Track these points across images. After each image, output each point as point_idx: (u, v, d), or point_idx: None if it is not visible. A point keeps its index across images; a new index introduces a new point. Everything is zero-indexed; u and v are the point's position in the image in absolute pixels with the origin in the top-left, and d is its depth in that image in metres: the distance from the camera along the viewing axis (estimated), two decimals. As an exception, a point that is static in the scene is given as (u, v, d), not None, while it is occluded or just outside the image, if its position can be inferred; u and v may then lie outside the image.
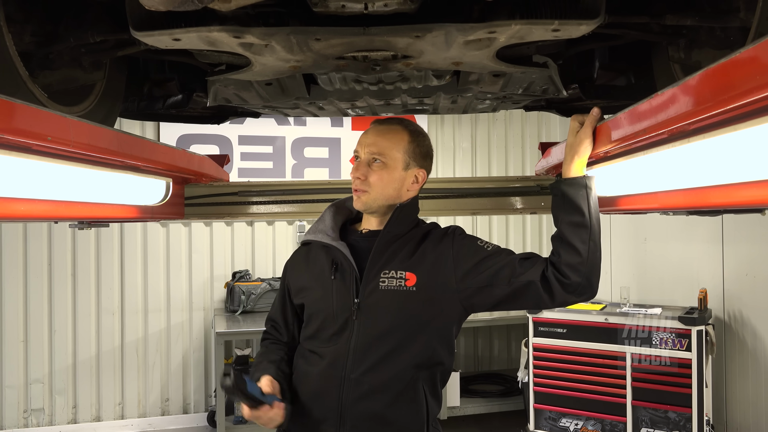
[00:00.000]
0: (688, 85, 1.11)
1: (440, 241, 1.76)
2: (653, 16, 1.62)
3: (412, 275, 1.70)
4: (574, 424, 4.25)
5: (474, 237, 1.79)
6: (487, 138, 6.19)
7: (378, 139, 1.76)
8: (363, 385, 1.66)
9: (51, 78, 1.81)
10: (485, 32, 1.40)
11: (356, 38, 1.48)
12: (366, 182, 1.74)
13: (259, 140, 5.67)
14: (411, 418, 1.69)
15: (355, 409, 1.66)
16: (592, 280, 1.61)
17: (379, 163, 1.74)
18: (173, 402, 5.42)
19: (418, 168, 1.80)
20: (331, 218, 1.85)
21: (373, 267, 1.73)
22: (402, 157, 1.76)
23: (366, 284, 1.71)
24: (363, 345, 1.68)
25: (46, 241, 5.12)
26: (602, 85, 2.18)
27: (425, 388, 1.71)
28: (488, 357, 6.19)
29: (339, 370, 1.68)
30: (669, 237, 4.62)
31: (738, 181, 1.23)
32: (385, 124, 1.80)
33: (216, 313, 5.32)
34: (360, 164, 1.76)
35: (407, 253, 1.74)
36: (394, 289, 1.69)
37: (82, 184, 1.62)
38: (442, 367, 1.76)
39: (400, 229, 1.77)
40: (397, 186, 1.77)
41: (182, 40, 1.43)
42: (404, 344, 1.68)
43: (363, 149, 1.77)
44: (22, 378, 5.06)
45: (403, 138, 1.77)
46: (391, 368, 1.67)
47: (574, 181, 1.62)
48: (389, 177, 1.75)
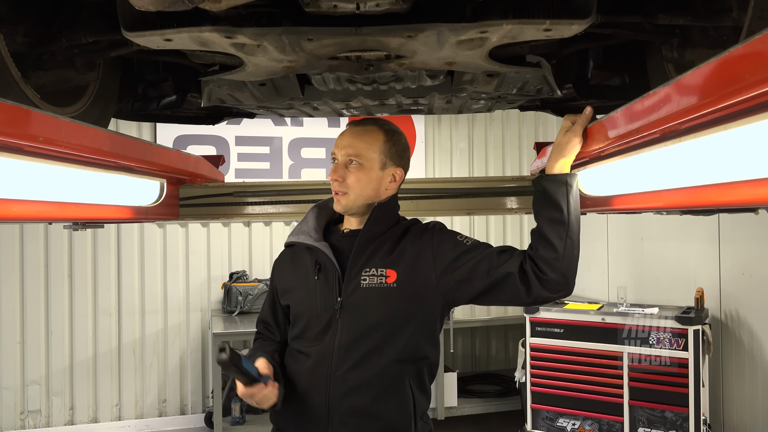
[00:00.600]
0: (676, 85, 1.11)
1: (420, 236, 1.79)
2: (646, 15, 1.62)
3: (393, 272, 1.73)
4: (571, 424, 4.25)
5: (454, 231, 1.81)
6: (484, 138, 6.19)
7: (354, 141, 1.78)
8: (349, 381, 1.70)
9: (44, 79, 1.80)
10: (477, 32, 1.40)
11: (348, 38, 1.48)
12: (344, 184, 1.77)
13: (256, 141, 5.66)
14: (398, 413, 1.71)
15: (342, 406, 1.70)
16: (569, 277, 1.63)
17: (356, 164, 1.77)
18: (170, 403, 5.42)
19: (395, 167, 1.82)
20: (314, 219, 1.88)
21: (355, 266, 1.75)
22: (378, 157, 1.79)
23: (348, 283, 1.74)
24: (347, 342, 1.71)
25: (43, 242, 5.11)
26: (596, 85, 2.18)
27: (411, 383, 1.74)
28: (486, 357, 6.20)
29: (325, 368, 1.71)
30: (666, 236, 4.62)
31: (730, 181, 1.23)
32: (361, 125, 1.82)
33: (213, 314, 5.31)
34: (337, 166, 1.78)
35: (387, 251, 1.76)
36: (376, 287, 1.72)
37: (76, 184, 1.62)
38: (427, 362, 1.78)
39: (379, 227, 1.80)
40: (375, 186, 1.80)
41: (174, 40, 1.43)
42: (388, 340, 1.71)
43: (339, 151, 1.79)
44: (18, 379, 5.05)
45: (379, 138, 1.79)
46: (375, 364, 1.70)
47: (556, 178, 1.64)
48: (366, 177, 1.78)
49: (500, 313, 5.34)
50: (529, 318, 4.38)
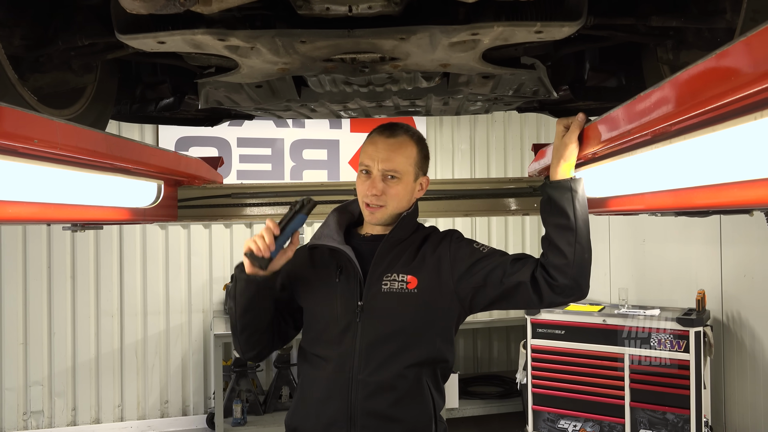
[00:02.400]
0: (666, 87, 1.12)
1: (439, 244, 1.80)
2: (639, 17, 1.63)
3: (414, 278, 1.74)
4: (572, 425, 4.25)
5: (470, 240, 1.82)
6: (485, 140, 6.19)
7: (392, 155, 1.74)
8: (370, 385, 1.69)
9: (42, 81, 1.82)
10: (468, 34, 1.40)
11: (341, 40, 1.48)
12: (382, 198, 1.74)
13: (258, 142, 5.68)
14: (419, 415, 1.72)
15: (364, 409, 1.69)
16: (580, 282, 1.63)
17: (395, 179, 1.74)
18: (172, 404, 5.43)
19: (423, 175, 1.84)
20: (335, 222, 1.85)
21: (377, 270, 1.76)
22: (413, 170, 1.78)
23: (369, 287, 1.74)
24: (368, 346, 1.71)
25: (46, 243, 5.13)
26: (593, 87, 2.18)
27: (429, 385, 1.75)
28: (488, 359, 6.19)
29: (346, 372, 1.71)
30: (667, 238, 4.61)
31: (723, 182, 1.23)
32: (394, 137, 1.76)
33: (215, 315, 5.33)
34: (375, 180, 1.74)
35: (408, 257, 1.77)
36: (397, 292, 1.73)
37: (72, 186, 1.62)
38: (445, 364, 1.80)
39: (402, 234, 1.80)
40: (410, 198, 1.80)
41: (167, 42, 1.43)
42: (408, 344, 1.72)
43: (375, 164, 1.74)
44: (21, 380, 5.07)
45: (414, 150, 1.78)
46: (396, 367, 1.70)
47: (560, 184, 1.64)
48: (404, 191, 1.77)
49: (502, 315, 5.32)
50: (530, 319, 4.37)
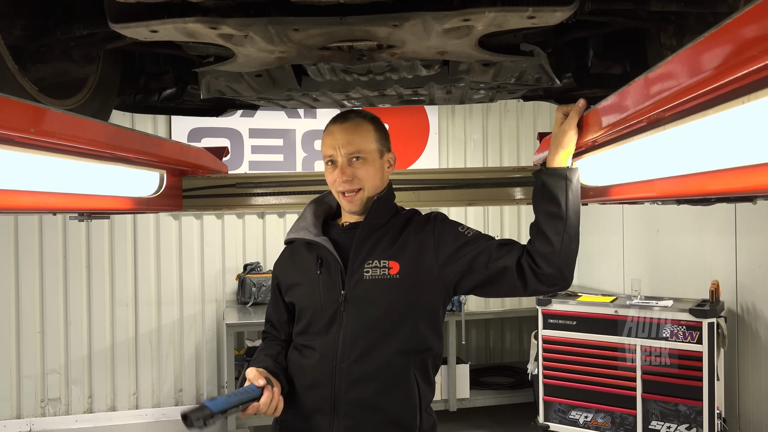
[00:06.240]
0: (658, 71, 1.10)
1: (422, 227, 1.78)
2: (638, 2, 1.60)
3: (395, 263, 1.72)
4: (583, 416, 4.22)
5: (455, 222, 1.81)
6: (498, 129, 6.14)
7: (351, 137, 1.76)
8: (354, 373, 1.69)
9: (43, 71, 1.83)
10: (460, 20, 1.39)
11: (335, 28, 1.47)
12: (354, 182, 1.75)
13: (270, 133, 5.69)
14: (403, 405, 1.71)
15: (348, 398, 1.69)
16: (564, 272, 1.62)
17: (361, 159, 1.76)
18: (186, 392, 5.50)
19: (388, 152, 1.84)
20: (312, 214, 1.87)
21: (357, 258, 1.75)
22: (376, 147, 1.79)
23: (351, 276, 1.74)
24: (352, 335, 1.71)
25: (61, 234, 5.20)
26: (597, 74, 2.14)
27: (416, 375, 1.74)
28: (500, 349, 6.18)
29: (331, 360, 1.71)
30: (681, 229, 4.55)
31: (721, 168, 1.20)
32: (348, 121, 1.80)
33: (228, 305, 5.37)
34: (342, 167, 1.76)
35: (389, 242, 1.76)
36: (379, 278, 1.72)
37: (74, 175, 1.64)
38: (432, 353, 1.78)
39: (380, 219, 1.79)
40: (381, 175, 1.81)
41: (159, 31, 1.43)
42: (392, 331, 1.71)
43: (338, 151, 1.76)
44: (38, 368, 5.17)
45: (370, 128, 1.80)
46: (380, 356, 1.70)
47: (555, 172, 1.62)
48: (373, 169, 1.78)
49: (514, 305, 5.30)
50: (542, 310, 4.35)
